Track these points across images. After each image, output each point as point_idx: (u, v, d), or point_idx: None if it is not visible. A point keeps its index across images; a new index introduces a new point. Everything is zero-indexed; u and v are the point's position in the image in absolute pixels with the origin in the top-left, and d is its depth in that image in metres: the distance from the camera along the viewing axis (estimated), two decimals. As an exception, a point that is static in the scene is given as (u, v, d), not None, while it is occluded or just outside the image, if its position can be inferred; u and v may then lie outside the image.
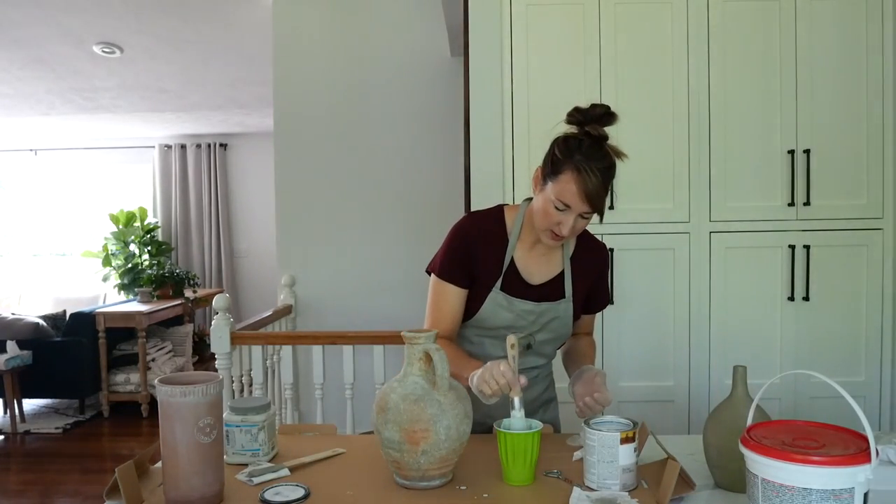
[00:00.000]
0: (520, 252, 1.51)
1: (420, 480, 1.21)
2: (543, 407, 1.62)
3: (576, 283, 1.53)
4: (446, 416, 1.18)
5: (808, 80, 2.34)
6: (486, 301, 1.48)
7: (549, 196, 1.38)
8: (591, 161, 1.34)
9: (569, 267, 1.53)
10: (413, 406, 1.18)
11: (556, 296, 1.51)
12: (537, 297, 1.49)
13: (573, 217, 1.37)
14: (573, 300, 1.53)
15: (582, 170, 1.34)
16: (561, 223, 1.38)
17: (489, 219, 1.53)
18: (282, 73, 3.94)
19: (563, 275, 1.52)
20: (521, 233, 1.50)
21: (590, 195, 1.34)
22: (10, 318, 4.92)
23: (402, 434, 1.17)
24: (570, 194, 1.35)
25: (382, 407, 1.21)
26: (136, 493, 1.15)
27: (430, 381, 1.21)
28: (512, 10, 2.34)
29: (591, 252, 1.57)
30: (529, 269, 1.51)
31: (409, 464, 1.19)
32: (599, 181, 1.34)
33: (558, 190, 1.36)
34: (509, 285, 1.49)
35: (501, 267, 1.48)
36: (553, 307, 1.50)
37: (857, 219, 2.36)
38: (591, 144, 1.36)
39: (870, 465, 0.92)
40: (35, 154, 7.59)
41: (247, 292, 7.54)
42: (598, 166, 1.34)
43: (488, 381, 1.27)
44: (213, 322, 2.90)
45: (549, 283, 1.51)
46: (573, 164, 1.35)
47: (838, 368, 2.37)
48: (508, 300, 1.48)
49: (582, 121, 1.39)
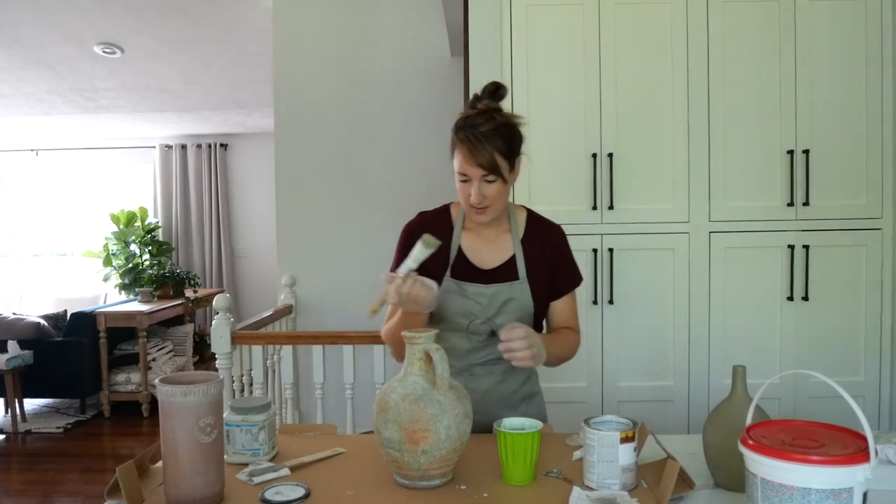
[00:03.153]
0: (467, 240, 1.56)
1: (420, 480, 1.21)
2: (526, 401, 1.61)
3: (530, 265, 1.55)
4: (446, 415, 1.18)
5: (807, 81, 2.34)
6: (440, 291, 1.51)
7: (455, 174, 1.48)
8: (474, 128, 1.43)
9: (520, 249, 1.56)
10: (413, 406, 1.18)
11: (509, 278, 1.54)
12: (488, 281, 1.53)
13: (477, 184, 1.45)
14: (529, 281, 1.54)
15: (465, 138, 1.43)
16: (470, 194, 1.46)
17: (435, 213, 1.62)
18: (282, 73, 3.94)
19: (515, 258, 1.55)
20: (465, 221, 1.57)
21: (478, 159, 1.42)
22: (11, 318, 4.92)
23: (403, 434, 1.17)
24: (462, 163, 1.44)
25: (382, 407, 1.21)
26: (136, 492, 1.16)
27: (430, 380, 1.21)
28: (512, 10, 2.34)
29: (543, 232, 1.59)
30: (479, 256, 1.55)
31: (409, 464, 1.19)
32: (484, 144, 1.42)
33: (456, 164, 1.47)
34: (460, 272, 1.54)
35: (449, 254, 1.54)
36: (506, 288, 1.52)
37: (856, 219, 2.36)
38: (476, 115, 1.45)
39: (869, 464, 0.92)
40: (36, 154, 7.59)
41: (247, 292, 7.54)
42: (481, 130, 1.42)
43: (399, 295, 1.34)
44: (213, 322, 2.90)
45: (501, 267, 1.54)
46: (459, 136, 1.45)
47: (838, 368, 2.37)
48: (459, 285, 1.52)
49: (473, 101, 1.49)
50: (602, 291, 2.37)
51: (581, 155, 2.35)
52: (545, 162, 2.35)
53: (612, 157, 2.33)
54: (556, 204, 2.36)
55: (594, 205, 2.35)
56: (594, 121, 2.35)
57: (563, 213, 2.36)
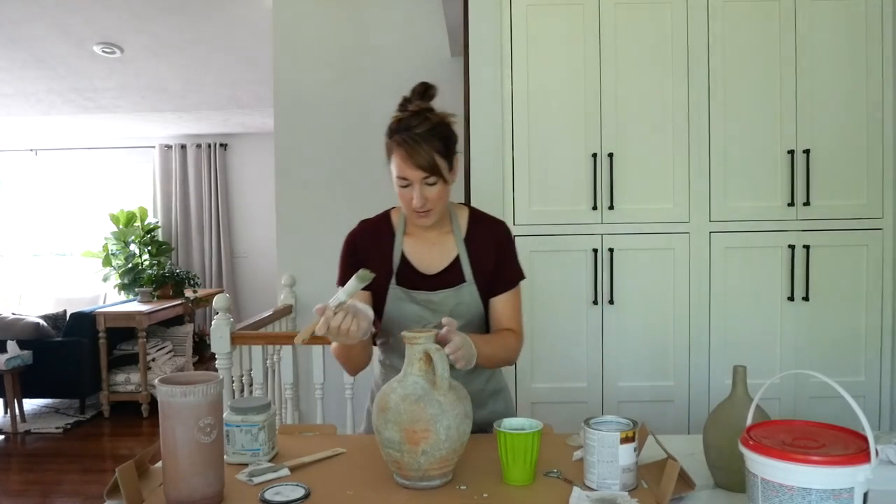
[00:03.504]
0: (410, 246, 1.54)
1: (420, 480, 1.20)
2: (493, 398, 1.60)
3: (476, 265, 1.52)
4: (446, 416, 1.18)
5: (807, 81, 2.34)
6: (387, 299, 1.50)
7: (394, 179, 1.45)
8: (408, 131, 1.40)
9: (464, 249, 1.53)
10: (413, 406, 1.18)
11: (456, 281, 1.51)
12: (434, 287, 1.50)
13: (418, 187, 1.42)
14: (476, 283, 1.51)
15: (401, 142, 1.41)
16: (412, 198, 1.43)
17: (375, 220, 1.59)
18: (282, 73, 3.94)
19: (459, 259, 1.52)
20: (406, 226, 1.54)
21: (417, 161, 1.39)
22: (11, 318, 4.92)
23: (403, 434, 1.17)
24: (401, 167, 1.41)
25: (382, 407, 1.21)
26: (136, 493, 1.16)
27: (430, 381, 1.21)
28: (512, 10, 2.34)
29: (486, 229, 1.56)
30: (423, 261, 1.53)
31: (409, 464, 1.19)
32: (422, 145, 1.39)
33: (394, 169, 1.44)
34: (405, 279, 1.51)
35: (393, 264, 1.52)
36: (453, 293, 1.50)
37: (856, 219, 2.36)
38: (409, 117, 1.42)
39: (869, 464, 0.92)
40: (35, 154, 7.59)
41: (247, 292, 7.54)
42: (416, 132, 1.40)
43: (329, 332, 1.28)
44: (213, 322, 2.90)
45: (446, 271, 1.52)
46: (394, 140, 1.42)
47: (838, 368, 2.37)
48: (406, 292, 1.50)
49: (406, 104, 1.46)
50: (602, 291, 2.36)
51: (581, 155, 2.35)
52: (545, 162, 2.35)
53: (612, 157, 2.33)
54: (556, 204, 2.36)
55: (594, 205, 2.35)
56: (594, 121, 2.35)
57: (563, 213, 2.36)
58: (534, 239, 2.35)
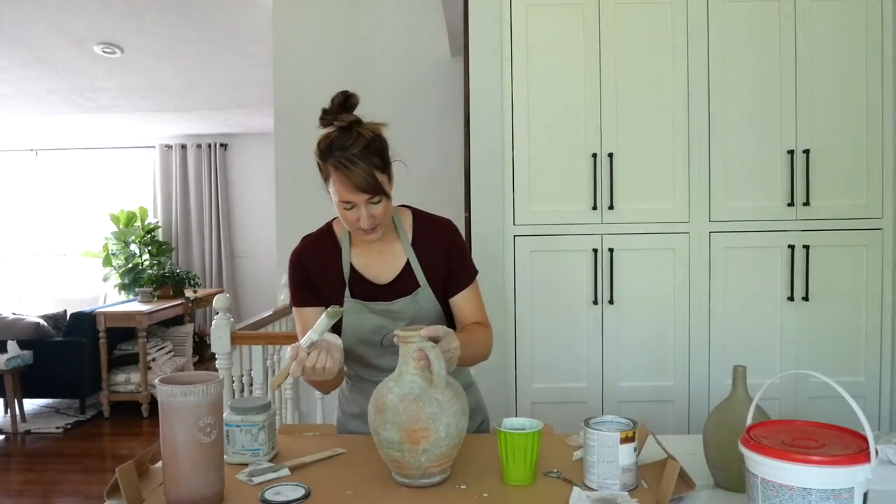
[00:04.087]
0: (357, 258, 1.51)
1: (421, 478, 1.21)
2: (465, 392, 1.59)
3: (427, 269, 1.49)
4: (445, 413, 1.18)
5: (807, 80, 2.34)
6: (345, 315, 1.46)
7: (334, 200, 1.41)
8: (345, 151, 1.37)
9: (412, 254, 1.50)
10: (412, 405, 1.18)
11: (411, 288, 1.48)
12: (390, 296, 1.47)
13: (363, 208, 1.38)
14: (431, 285, 1.49)
15: (339, 166, 1.37)
16: (358, 219, 1.40)
17: (318, 236, 1.56)
18: (282, 73, 3.94)
19: (410, 265, 1.50)
20: (351, 239, 1.51)
21: (359, 184, 1.36)
22: (11, 318, 4.92)
23: (403, 434, 1.17)
24: (343, 192, 1.37)
25: (380, 408, 1.21)
26: (136, 493, 1.16)
27: (426, 379, 1.20)
28: (512, 10, 2.34)
29: (433, 231, 1.54)
30: (373, 271, 1.50)
31: (409, 463, 1.19)
32: (361, 165, 1.36)
33: (335, 192, 1.40)
34: (359, 291, 1.48)
35: (344, 278, 1.49)
36: (410, 300, 1.47)
37: (856, 219, 2.36)
38: (338, 136, 1.39)
39: (869, 464, 0.92)
40: (35, 154, 7.59)
41: (247, 292, 7.54)
42: (352, 153, 1.36)
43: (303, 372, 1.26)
44: (213, 322, 2.90)
45: (399, 278, 1.49)
46: (331, 164, 1.39)
47: (838, 368, 2.37)
48: (363, 304, 1.47)
49: (330, 119, 1.43)
50: (602, 291, 2.36)
51: (581, 155, 2.35)
52: (545, 162, 2.35)
53: (612, 157, 2.33)
54: (556, 204, 2.36)
55: (594, 205, 2.35)
56: (594, 121, 2.35)
57: (563, 213, 2.36)
58: (534, 239, 2.35)
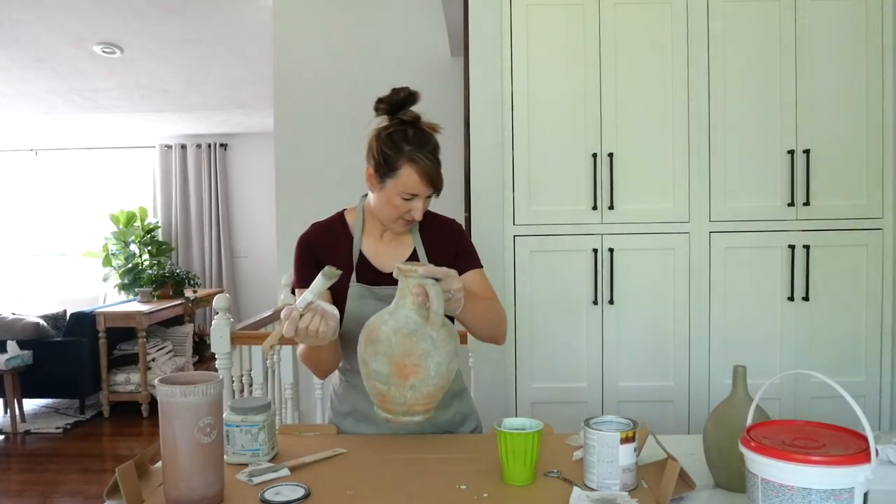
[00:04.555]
0: (368, 245, 1.54)
1: (403, 415, 1.21)
2: (458, 398, 1.59)
3: (432, 254, 1.53)
4: (438, 352, 1.18)
5: (808, 81, 2.34)
6: (349, 298, 1.48)
7: (394, 191, 1.43)
8: (421, 147, 1.41)
9: (419, 241, 1.54)
10: (405, 340, 1.18)
11: None
12: (396, 282, 1.48)
13: (421, 202, 1.44)
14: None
15: (417, 159, 1.40)
16: (411, 210, 1.44)
17: (329, 222, 1.59)
18: (282, 73, 3.94)
19: (416, 252, 1.53)
20: (364, 227, 1.55)
21: (432, 179, 1.41)
22: (11, 318, 4.92)
23: (392, 367, 1.17)
24: (414, 184, 1.41)
25: (372, 338, 1.20)
26: (136, 493, 1.15)
27: (422, 315, 1.20)
28: (512, 10, 2.34)
29: (441, 228, 1.58)
30: (382, 259, 1.53)
31: (394, 397, 1.18)
32: (434, 163, 1.41)
33: (402, 183, 1.42)
34: (365, 277, 1.51)
35: (352, 262, 1.51)
36: None
37: (856, 219, 2.36)
38: (414, 131, 1.42)
39: (870, 465, 0.92)
40: (35, 154, 7.59)
41: (247, 292, 7.54)
42: (428, 149, 1.41)
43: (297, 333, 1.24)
44: (213, 322, 2.90)
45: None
46: (406, 156, 1.41)
47: (838, 368, 2.37)
48: (368, 289, 1.49)
49: (391, 109, 1.44)
50: (602, 291, 2.36)
51: (581, 155, 2.35)
52: (545, 162, 2.35)
53: (612, 157, 2.33)
54: (556, 204, 2.36)
55: (594, 205, 2.35)
56: (594, 121, 2.35)
57: (563, 213, 2.36)
58: (534, 239, 2.35)
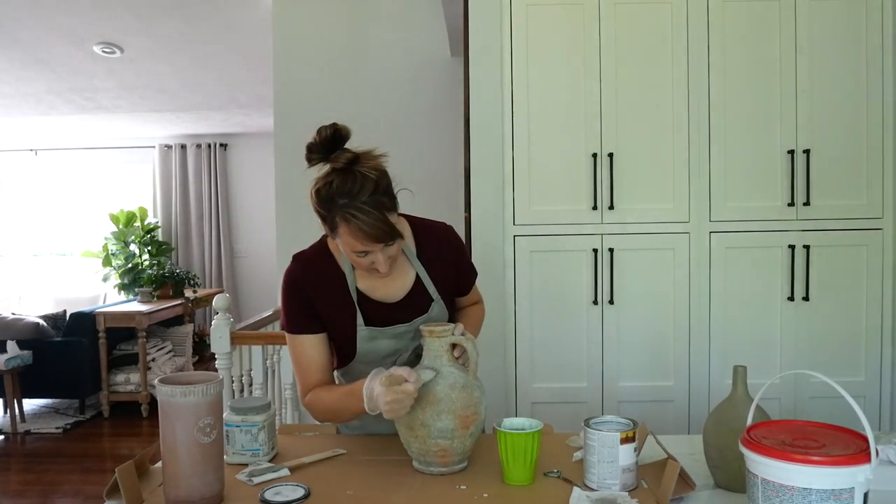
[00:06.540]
0: (361, 280, 1.41)
1: (459, 463, 1.28)
2: None
3: (437, 280, 1.44)
4: (485, 396, 1.31)
5: (808, 80, 2.34)
6: (359, 341, 1.40)
7: (347, 249, 1.30)
8: (353, 199, 1.23)
9: (420, 267, 1.43)
10: (462, 393, 1.26)
11: (426, 304, 1.43)
12: (407, 317, 1.41)
13: (379, 254, 1.28)
14: (443, 296, 1.45)
15: (349, 217, 1.23)
16: (373, 263, 1.30)
17: (316, 257, 1.44)
18: (282, 73, 3.94)
19: (420, 279, 1.43)
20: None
21: (374, 234, 1.23)
22: (11, 318, 4.92)
23: (457, 421, 1.24)
24: (357, 243, 1.26)
25: (431, 400, 1.25)
26: (136, 493, 1.15)
27: (460, 368, 1.30)
28: (512, 10, 2.34)
29: (435, 239, 1.47)
30: (380, 292, 1.42)
31: (456, 449, 1.26)
32: (373, 213, 1.22)
33: (346, 242, 1.28)
34: (371, 317, 1.40)
35: (351, 302, 1.40)
36: (426, 317, 1.43)
37: (856, 219, 2.36)
38: (341, 181, 1.24)
39: (870, 465, 0.92)
40: (35, 154, 7.59)
41: (247, 292, 7.54)
42: (361, 200, 1.23)
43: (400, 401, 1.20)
44: (213, 322, 2.90)
45: (411, 295, 1.43)
46: (338, 214, 1.24)
47: (838, 368, 2.37)
48: (379, 331, 1.40)
49: (321, 156, 1.27)
50: (602, 291, 2.36)
51: (581, 155, 2.35)
52: (545, 162, 2.35)
53: (612, 157, 2.33)
54: (557, 204, 2.35)
55: (594, 205, 2.35)
56: (594, 121, 2.35)
57: (563, 213, 2.36)
58: (534, 239, 2.35)
